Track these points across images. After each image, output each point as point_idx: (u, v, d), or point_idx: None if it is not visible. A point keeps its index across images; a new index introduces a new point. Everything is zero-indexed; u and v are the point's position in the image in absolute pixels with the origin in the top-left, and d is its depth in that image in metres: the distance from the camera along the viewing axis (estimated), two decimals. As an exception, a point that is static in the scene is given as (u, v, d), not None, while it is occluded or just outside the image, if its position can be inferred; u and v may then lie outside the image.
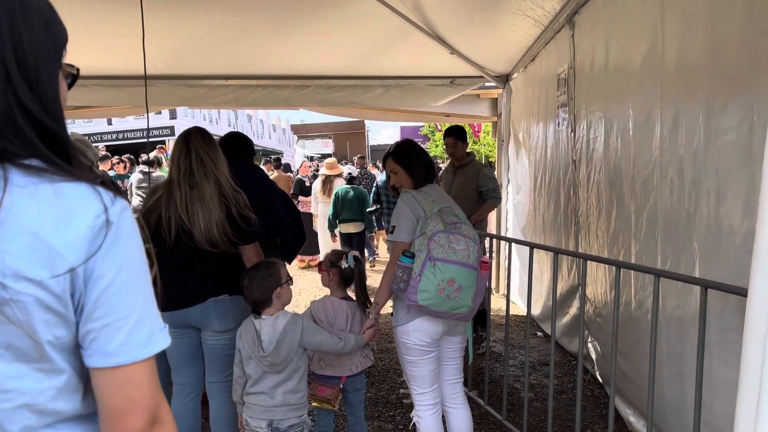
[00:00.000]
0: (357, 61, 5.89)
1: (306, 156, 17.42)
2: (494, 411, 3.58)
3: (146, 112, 3.91)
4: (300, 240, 3.59)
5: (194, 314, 2.57)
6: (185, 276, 2.57)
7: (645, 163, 3.00)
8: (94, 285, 0.79)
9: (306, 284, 7.57)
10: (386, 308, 2.77)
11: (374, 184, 6.70)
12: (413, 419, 2.66)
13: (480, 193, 4.94)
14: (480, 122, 12.84)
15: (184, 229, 2.49)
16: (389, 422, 3.57)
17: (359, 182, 8.54)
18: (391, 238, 2.54)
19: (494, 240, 3.93)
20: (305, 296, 6.94)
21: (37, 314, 0.77)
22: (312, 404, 2.75)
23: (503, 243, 6.40)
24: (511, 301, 4.11)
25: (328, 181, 8.19)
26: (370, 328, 2.62)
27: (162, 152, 11.70)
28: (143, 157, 8.53)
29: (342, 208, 7.25)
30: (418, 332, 2.49)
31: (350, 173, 7.75)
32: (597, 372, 4.06)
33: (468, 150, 5.19)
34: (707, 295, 2.10)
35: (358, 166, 11.20)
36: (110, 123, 20.20)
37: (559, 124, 4.59)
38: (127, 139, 20.32)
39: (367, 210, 7.21)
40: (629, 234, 3.23)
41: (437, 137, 27.49)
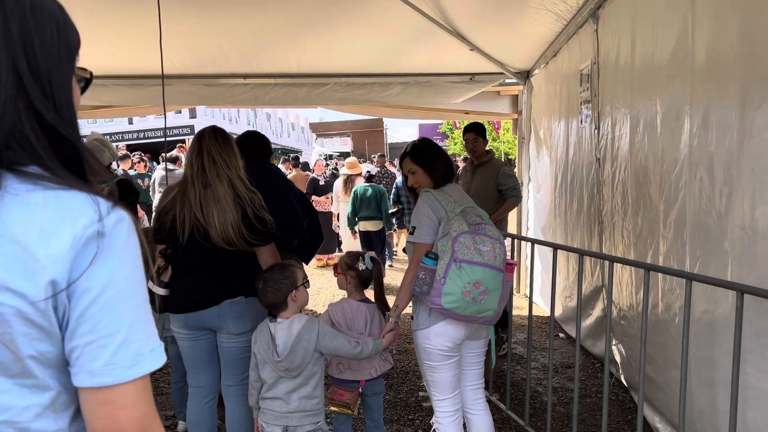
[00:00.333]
0: (376, 59, 5.84)
1: (321, 154, 17.37)
2: (516, 416, 3.50)
3: (164, 111, 3.90)
4: (317, 240, 3.54)
5: (210, 316, 2.53)
6: (201, 278, 2.53)
7: (673, 162, 2.90)
8: (79, 299, 0.75)
9: (324, 283, 7.53)
10: (405, 309, 2.70)
11: (394, 185, 6.65)
12: (433, 426, 2.59)
13: (500, 192, 4.85)
14: (500, 119, 12.70)
15: (199, 229, 2.45)
16: (408, 426, 3.51)
17: (379, 181, 8.50)
18: (412, 239, 2.47)
19: (515, 240, 3.83)
20: (323, 296, 6.91)
21: (18, 327, 0.73)
22: (331, 409, 2.70)
23: (525, 242, 6.29)
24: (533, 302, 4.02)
25: (350, 181, 8.23)
26: (390, 332, 2.55)
27: (181, 151, 11.78)
28: (169, 155, 8.56)
29: (361, 206, 7.27)
30: (440, 336, 2.42)
31: (368, 171, 7.71)
32: (622, 375, 3.95)
33: (487, 148, 5.10)
34: (743, 300, 2.00)
35: (378, 165, 11.15)
36: (131, 122, 20.41)
37: (582, 121, 4.48)
38: (148, 138, 20.50)
39: (389, 212, 7.18)
40: (656, 235, 3.12)
41: (456, 135, 27.35)
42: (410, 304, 2.63)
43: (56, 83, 0.81)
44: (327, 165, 13.80)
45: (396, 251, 9.59)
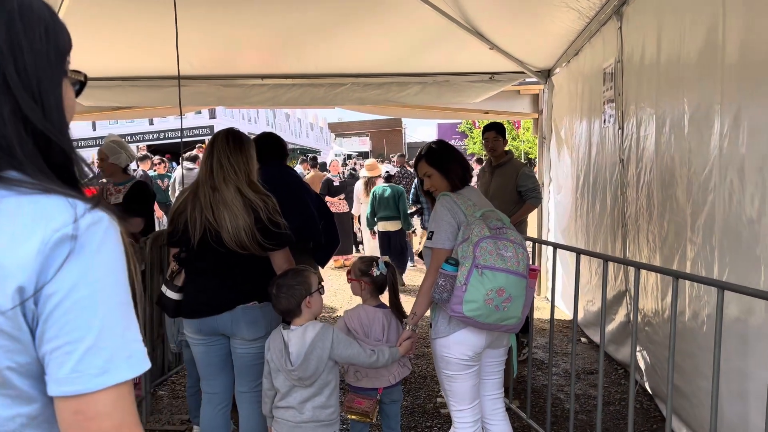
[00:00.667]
0: (394, 59, 5.79)
1: (338, 154, 17.31)
2: (537, 425, 3.40)
3: (180, 112, 3.88)
4: (333, 243, 3.49)
5: (223, 322, 2.48)
6: (214, 282, 2.49)
7: (702, 164, 2.78)
8: (44, 304, 0.72)
9: (342, 285, 7.48)
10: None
11: (413, 184, 6.60)
12: (451, 437, 2.51)
13: (519, 193, 4.76)
14: (520, 119, 12.56)
15: (211, 232, 2.41)
16: (425, 433, 3.44)
17: (398, 181, 8.45)
18: (431, 245, 2.39)
19: (537, 244, 3.74)
20: (341, 297, 6.86)
21: None
22: (349, 417, 2.64)
23: (546, 246, 6.16)
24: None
25: (370, 183, 8.25)
26: (407, 340, 2.48)
27: (200, 151, 11.84)
28: (187, 154, 8.60)
29: (379, 207, 7.27)
30: (461, 345, 2.34)
31: (387, 171, 7.66)
32: (646, 383, 3.84)
33: (507, 147, 5.01)
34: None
35: (398, 165, 11.09)
36: (151, 123, 20.57)
37: (606, 121, 4.37)
38: (168, 139, 20.66)
39: (408, 212, 7.13)
40: (684, 239, 3.01)
41: (475, 134, 27.17)
42: (428, 311, 2.55)
43: (45, 87, 0.79)
44: (345, 165, 13.76)
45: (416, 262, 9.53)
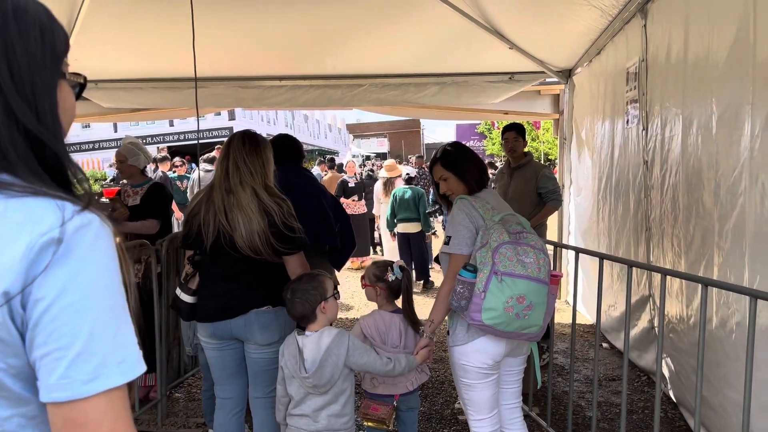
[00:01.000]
0: (412, 60, 5.74)
1: (356, 155, 17.28)
2: (557, 433, 3.32)
3: (197, 114, 3.88)
4: (350, 246, 3.44)
5: (236, 326, 2.45)
6: (227, 286, 2.46)
7: (731, 166, 2.68)
8: (33, 309, 0.71)
9: (359, 286, 7.42)
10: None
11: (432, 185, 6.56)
12: (469, 447, 2.45)
13: (539, 195, 4.67)
14: (540, 119, 12.41)
15: (225, 235, 2.38)
16: (443, 440, 3.37)
17: (417, 182, 8.42)
18: (448, 250, 2.32)
19: (558, 248, 3.65)
20: (358, 299, 6.81)
21: None
22: (365, 424, 2.59)
23: (568, 250, 6.05)
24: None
25: (389, 183, 8.28)
26: (424, 349, 2.42)
27: (219, 153, 11.88)
28: (205, 156, 8.64)
29: (399, 208, 7.27)
30: (479, 353, 2.27)
31: (408, 174, 7.65)
32: (671, 391, 3.74)
33: (526, 149, 4.93)
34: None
35: (417, 166, 11.05)
36: (172, 124, 20.76)
37: (629, 122, 4.26)
38: (189, 140, 20.82)
39: (427, 211, 7.12)
40: (711, 244, 2.91)
41: (494, 135, 26.99)
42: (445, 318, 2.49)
43: (40, 89, 0.79)
44: (363, 166, 13.72)
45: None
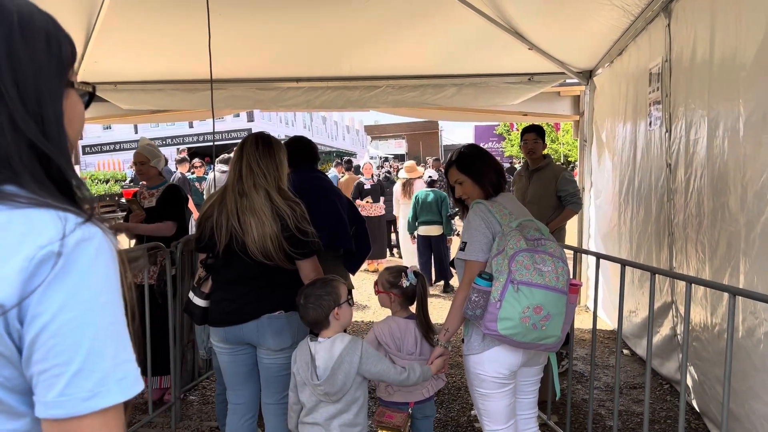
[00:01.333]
0: (430, 61, 5.69)
1: (374, 157, 17.24)
2: (576, 442, 3.24)
3: (212, 116, 3.87)
4: (365, 249, 3.40)
5: (248, 331, 2.41)
6: (239, 290, 2.42)
7: (759, 170, 2.59)
8: (30, 325, 0.70)
9: (375, 289, 7.39)
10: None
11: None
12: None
13: (559, 198, 4.58)
14: (560, 121, 12.26)
15: (237, 239, 2.34)
16: (459, 448, 3.31)
17: (439, 185, 8.40)
18: (463, 257, 2.26)
19: (578, 253, 3.56)
20: (374, 301, 6.76)
21: None
22: (379, 431, 2.54)
23: (588, 256, 5.94)
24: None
25: (408, 184, 8.27)
26: (439, 358, 2.36)
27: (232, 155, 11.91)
28: (221, 157, 8.68)
29: (422, 211, 7.27)
30: (495, 363, 2.21)
31: (430, 176, 7.61)
32: (694, 400, 3.63)
33: (546, 151, 4.84)
34: None
35: (435, 168, 11.00)
36: (191, 126, 20.94)
37: (651, 124, 4.16)
38: (208, 142, 20.98)
39: (448, 214, 7.09)
40: (737, 251, 2.81)
41: (513, 136, 26.77)
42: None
43: (45, 99, 0.77)
44: (381, 167, 13.67)
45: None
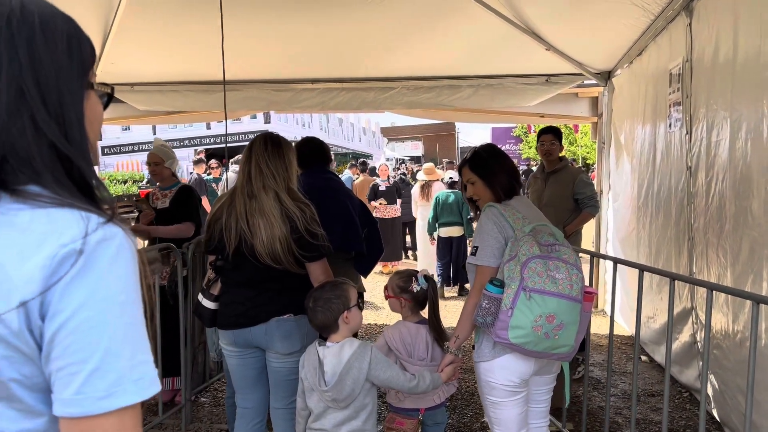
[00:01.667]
0: (445, 62, 5.65)
1: (389, 158, 17.23)
2: (592, 452, 3.16)
3: (225, 117, 3.86)
4: (377, 252, 3.35)
5: (257, 334, 2.38)
6: (248, 293, 2.39)
7: (784, 173, 2.50)
8: (50, 321, 0.71)
9: (390, 292, 7.35)
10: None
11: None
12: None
13: (576, 201, 4.51)
14: (578, 123, 12.13)
15: (246, 242, 2.31)
16: (471, 455, 3.25)
17: (459, 186, 8.40)
18: (475, 261, 2.20)
19: (595, 258, 3.48)
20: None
21: None
22: None
23: (606, 260, 5.82)
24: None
25: (427, 187, 8.26)
26: (449, 366, 2.30)
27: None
28: (235, 158, 8.70)
29: (442, 212, 7.28)
30: (506, 370, 2.15)
31: (451, 177, 7.60)
32: (714, 410, 3.53)
33: (564, 153, 4.77)
34: None
35: (456, 170, 10.97)
36: (209, 127, 21.09)
37: (671, 126, 4.07)
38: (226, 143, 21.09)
39: (469, 216, 7.10)
40: (761, 257, 2.72)
41: (530, 139, 26.56)
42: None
43: (66, 100, 0.78)
44: (397, 169, 13.61)
45: None
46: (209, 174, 10.51)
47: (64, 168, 0.77)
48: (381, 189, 8.99)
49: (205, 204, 7.76)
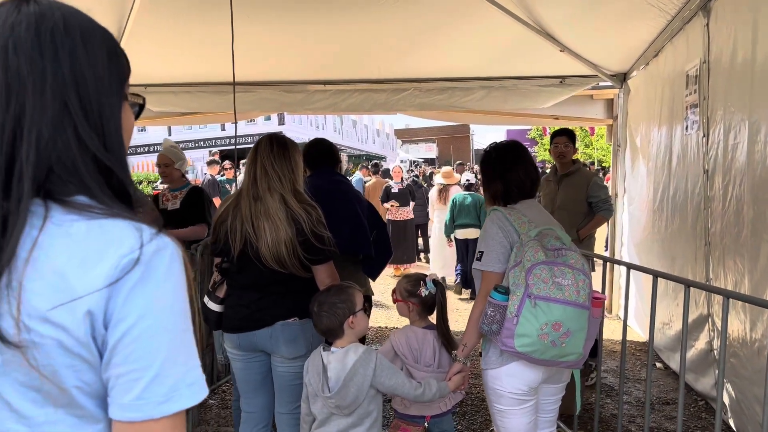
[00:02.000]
0: (458, 63, 5.61)
1: (404, 161, 17.17)
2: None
3: (234, 119, 3.85)
4: (385, 254, 3.31)
5: (262, 338, 2.35)
6: (253, 296, 2.36)
7: (805, 177, 2.43)
8: (113, 330, 0.74)
9: (401, 294, 7.30)
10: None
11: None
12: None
13: (589, 205, 4.44)
14: (593, 125, 12.00)
15: (252, 245, 2.29)
16: (481, 463, 3.20)
17: (476, 188, 8.36)
18: (480, 266, 2.15)
19: (608, 263, 3.42)
20: (399, 307, 6.68)
21: (61, 359, 0.73)
22: None
23: (619, 266, 5.73)
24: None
25: (445, 190, 8.28)
26: (457, 375, 2.25)
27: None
28: (244, 160, 8.73)
29: (459, 214, 7.26)
30: (513, 378, 2.10)
31: (468, 180, 7.57)
32: (731, 419, 3.45)
33: (579, 156, 4.70)
34: None
35: (459, 173, 10.93)
36: (223, 128, 21.19)
37: (688, 128, 3.99)
38: (241, 144, 21.20)
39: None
40: (780, 262, 2.64)
41: (545, 141, 26.38)
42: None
43: (107, 113, 0.81)
44: (411, 171, 13.58)
45: None
46: (223, 175, 10.56)
47: (104, 178, 0.79)
48: (394, 191, 8.97)
49: (218, 205, 7.78)
